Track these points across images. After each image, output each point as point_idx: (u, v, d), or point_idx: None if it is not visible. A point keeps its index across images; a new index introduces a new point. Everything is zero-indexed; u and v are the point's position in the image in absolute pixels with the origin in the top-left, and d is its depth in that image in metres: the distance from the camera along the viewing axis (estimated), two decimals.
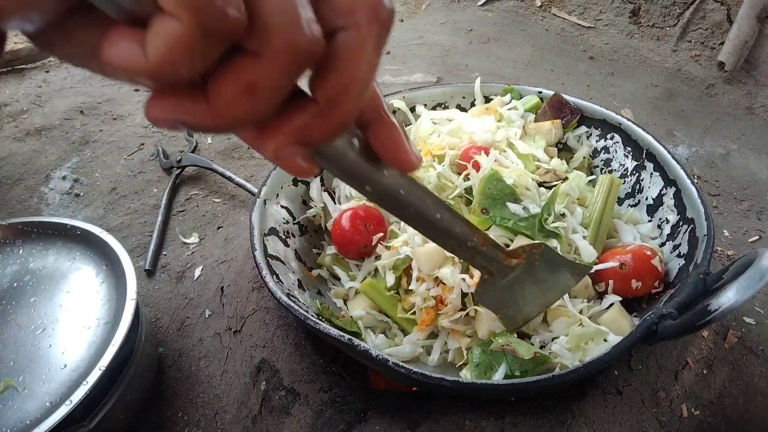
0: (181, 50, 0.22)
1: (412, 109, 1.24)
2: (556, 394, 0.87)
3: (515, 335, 0.84)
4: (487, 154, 1.01)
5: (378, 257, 0.99)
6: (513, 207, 0.91)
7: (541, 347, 0.86)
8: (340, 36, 0.27)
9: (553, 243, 0.89)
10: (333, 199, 1.12)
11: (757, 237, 1.31)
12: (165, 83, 0.26)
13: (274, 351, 0.97)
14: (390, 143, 0.36)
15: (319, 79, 0.28)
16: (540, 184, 1.02)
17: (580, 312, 0.86)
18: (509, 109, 1.17)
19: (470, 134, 1.08)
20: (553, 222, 0.91)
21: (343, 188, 1.13)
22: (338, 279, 1.04)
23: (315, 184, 1.13)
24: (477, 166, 0.98)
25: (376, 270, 0.99)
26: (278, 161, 0.31)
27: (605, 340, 0.83)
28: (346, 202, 1.09)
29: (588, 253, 0.91)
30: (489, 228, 0.91)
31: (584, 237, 0.94)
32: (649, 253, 0.91)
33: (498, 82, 1.29)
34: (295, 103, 0.29)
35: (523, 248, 0.67)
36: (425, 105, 1.25)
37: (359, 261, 1.04)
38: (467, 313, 0.87)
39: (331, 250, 1.05)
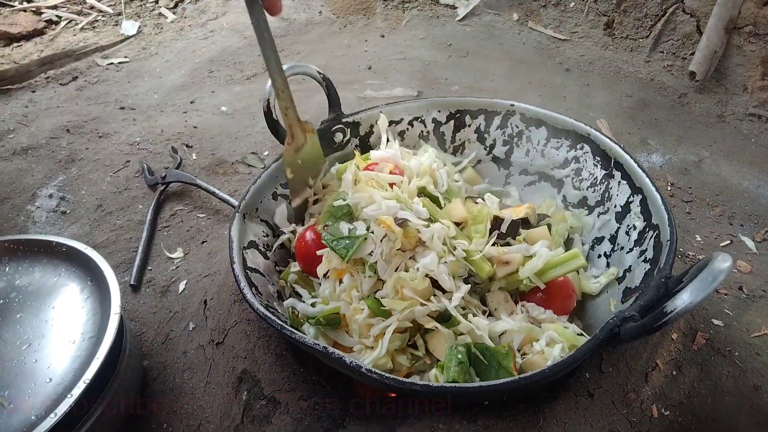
0: None
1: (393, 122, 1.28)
2: (528, 397, 0.89)
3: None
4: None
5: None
6: (343, 227, 0.97)
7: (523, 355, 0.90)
8: None
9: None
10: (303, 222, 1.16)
11: (729, 241, 1.35)
12: None
13: (255, 361, 0.99)
14: None
15: None
16: None
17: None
18: None
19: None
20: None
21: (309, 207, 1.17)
22: (300, 296, 1.06)
23: (279, 210, 1.15)
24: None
25: None
26: None
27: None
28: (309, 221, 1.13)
29: None
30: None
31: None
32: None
33: (476, 94, 1.33)
34: None
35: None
36: (402, 119, 1.29)
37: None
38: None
39: (295, 267, 1.07)
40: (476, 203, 1.13)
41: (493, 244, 1.02)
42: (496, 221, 1.05)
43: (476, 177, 1.31)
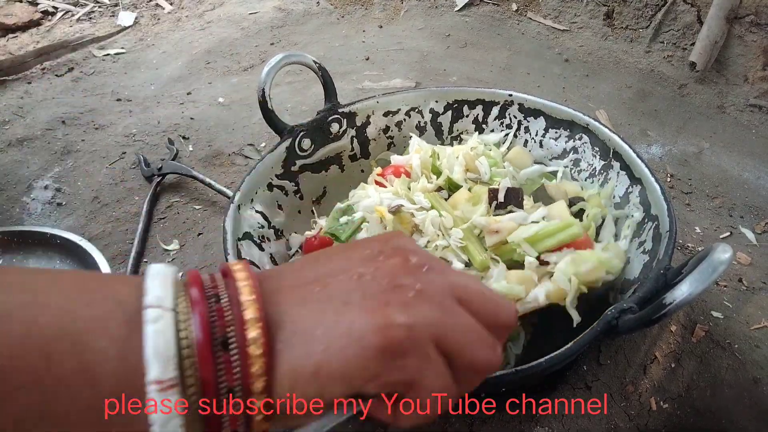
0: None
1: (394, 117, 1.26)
2: (525, 389, 0.89)
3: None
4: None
5: None
6: (343, 220, 1.04)
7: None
8: None
9: None
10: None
11: (728, 233, 1.34)
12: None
13: None
14: None
15: None
16: None
17: None
18: None
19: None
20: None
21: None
22: None
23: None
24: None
25: None
26: None
27: None
28: None
29: None
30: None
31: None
32: None
33: (475, 85, 1.32)
34: None
35: None
36: (399, 109, 1.27)
37: None
38: None
39: None
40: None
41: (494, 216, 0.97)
42: (492, 193, 0.98)
43: (524, 158, 1.20)
